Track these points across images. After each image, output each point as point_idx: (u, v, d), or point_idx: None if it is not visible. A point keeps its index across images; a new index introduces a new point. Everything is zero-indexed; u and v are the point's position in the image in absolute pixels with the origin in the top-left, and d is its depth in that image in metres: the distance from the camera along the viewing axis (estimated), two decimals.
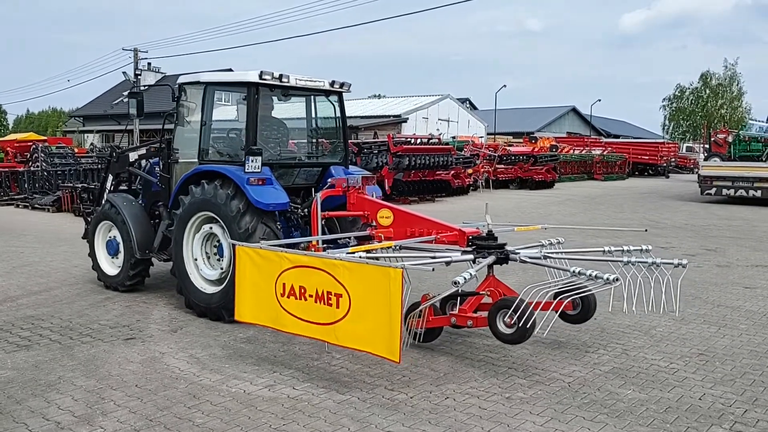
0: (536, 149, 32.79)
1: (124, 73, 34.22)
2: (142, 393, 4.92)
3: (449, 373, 5.43)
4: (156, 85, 8.22)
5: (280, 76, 7.14)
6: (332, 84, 7.71)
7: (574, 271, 5.65)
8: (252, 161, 6.78)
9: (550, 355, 5.96)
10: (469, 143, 32.32)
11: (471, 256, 5.83)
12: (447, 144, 26.65)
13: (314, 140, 8.28)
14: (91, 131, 51.60)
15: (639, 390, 5.12)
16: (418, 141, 24.62)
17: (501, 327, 5.32)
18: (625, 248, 6.27)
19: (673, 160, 45.88)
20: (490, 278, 5.88)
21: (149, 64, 56.78)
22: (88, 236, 8.66)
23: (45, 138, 28.40)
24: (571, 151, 38.89)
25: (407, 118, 43.08)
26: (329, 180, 7.27)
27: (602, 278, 5.35)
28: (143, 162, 8.71)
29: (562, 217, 18.25)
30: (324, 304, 5.00)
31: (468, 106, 62.09)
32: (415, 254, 6.14)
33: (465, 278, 5.11)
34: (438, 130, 40.24)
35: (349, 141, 24.49)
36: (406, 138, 25.71)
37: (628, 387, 5.19)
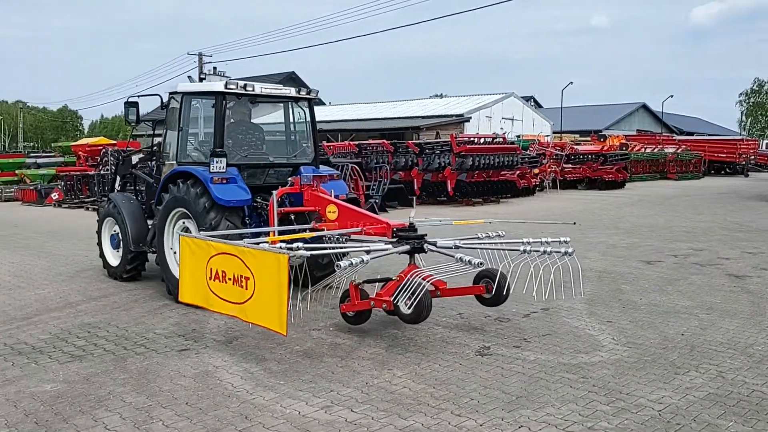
0: (606, 148, 31.58)
1: (189, 77, 34.79)
2: (193, 412, 4.63)
3: (522, 396, 4.93)
4: (148, 95, 9.01)
5: (245, 85, 8.00)
6: (299, 91, 8.64)
7: (457, 258, 6.20)
8: (216, 162, 7.61)
9: (635, 376, 5.36)
10: (534, 142, 31.46)
11: (390, 246, 6.37)
12: (512, 143, 25.89)
13: (287, 143, 9.01)
14: (159, 135, 53.04)
15: (743, 422, 4.49)
16: (482, 140, 23.98)
17: (402, 308, 5.91)
18: (544, 240, 6.70)
19: (753, 157, 43.49)
20: (411, 266, 6.30)
21: (215, 68, 58.05)
22: (97, 231, 9.63)
23: (115, 142, 29.15)
24: (643, 149, 37.37)
25: (470, 118, 42.27)
26: (289, 179, 7.98)
27: (472, 263, 6.02)
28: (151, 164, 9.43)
29: (636, 219, 17.30)
30: (238, 285, 5.62)
31: (533, 104, 60.68)
32: (350, 245, 6.94)
33: (352, 263, 5.70)
34: (502, 129, 39.32)
35: (410, 142, 24.33)
36: (470, 137, 25.12)
37: (729, 418, 4.56)
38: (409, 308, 5.87)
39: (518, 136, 35.80)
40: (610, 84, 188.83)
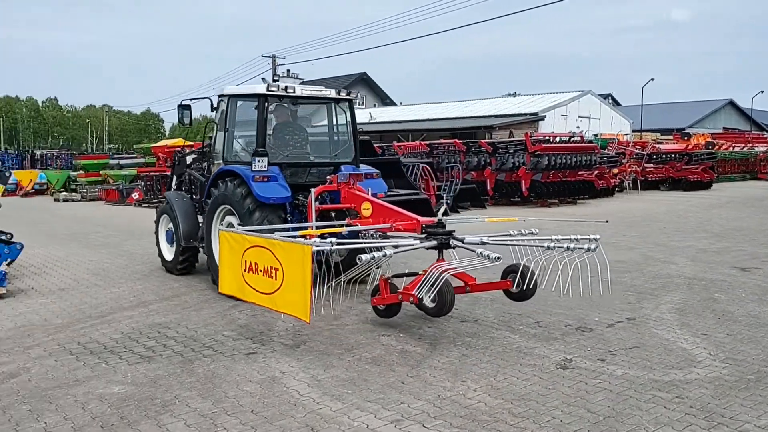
0: (690, 146, 30.05)
1: (263, 79, 35.34)
2: (257, 421, 4.45)
3: (610, 416, 4.50)
4: (200, 98, 9.56)
5: (286, 87, 8.33)
6: (339, 93, 8.90)
7: (477, 252, 6.18)
8: (258, 161, 7.93)
9: (737, 397, 4.83)
10: (613, 141, 30.26)
11: (418, 241, 6.47)
12: (590, 142, 24.94)
13: (329, 143, 9.34)
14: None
15: None
16: (558, 139, 23.20)
17: (426, 301, 6.07)
18: (573, 237, 6.53)
19: None
20: (439, 260, 6.27)
21: (288, 70, 58.73)
22: (155, 230, 10.27)
23: (192, 144, 29.88)
24: (731, 148, 35.34)
25: (544, 116, 41.15)
26: (328, 177, 8.27)
27: (490, 258, 5.97)
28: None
29: (725, 222, 16.22)
30: (268, 276, 5.86)
31: (611, 102, 58.65)
32: (378, 240, 6.92)
33: (374, 256, 5.91)
34: (578, 127, 38.10)
35: (482, 141, 23.86)
36: (545, 136, 24.35)
37: None
38: (432, 301, 6.03)
39: (595, 135, 34.55)
40: (693, 80, 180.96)
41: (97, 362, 5.70)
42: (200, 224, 9.08)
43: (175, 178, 10.82)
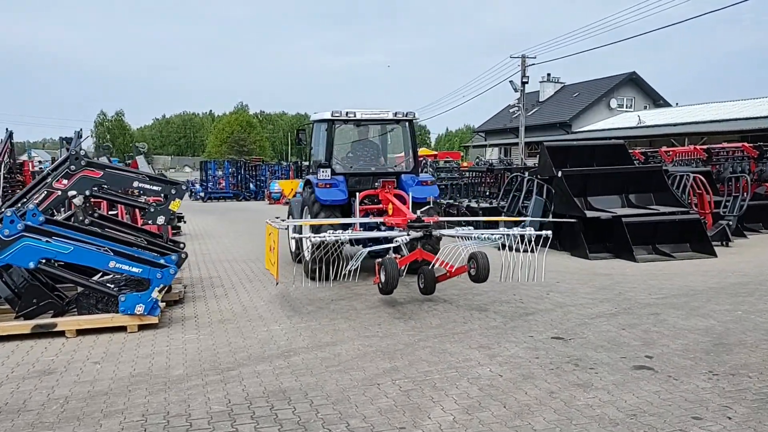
0: None
1: (510, 82, 32.89)
2: None
3: None
4: (308, 123, 11.68)
5: (347, 112, 10.17)
6: (395, 114, 10.47)
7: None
8: (322, 172, 10.03)
9: None
10: None
11: (400, 232, 8.33)
12: None
13: (393, 157, 11.64)
14: (486, 145, 52.53)
15: None
16: None
17: (381, 278, 7.58)
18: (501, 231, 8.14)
19: None
20: (418, 249, 8.20)
21: (548, 74, 55.39)
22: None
23: (435, 153, 28.90)
24: None
25: None
26: (375, 184, 10.12)
27: (405, 241, 8.15)
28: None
29: None
30: (272, 252, 7.91)
31: None
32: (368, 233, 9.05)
33: (323, 241, 7.70)
34: None
35: (744, 143, 18.75)
36: None
37: None
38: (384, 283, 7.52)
39: None
40: None
41: None
42: None
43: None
